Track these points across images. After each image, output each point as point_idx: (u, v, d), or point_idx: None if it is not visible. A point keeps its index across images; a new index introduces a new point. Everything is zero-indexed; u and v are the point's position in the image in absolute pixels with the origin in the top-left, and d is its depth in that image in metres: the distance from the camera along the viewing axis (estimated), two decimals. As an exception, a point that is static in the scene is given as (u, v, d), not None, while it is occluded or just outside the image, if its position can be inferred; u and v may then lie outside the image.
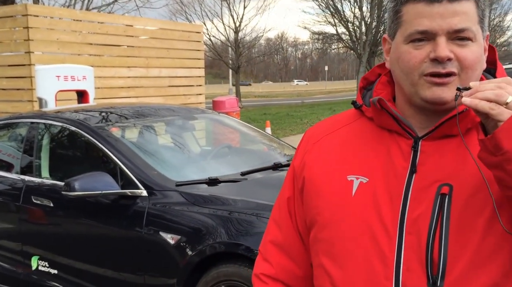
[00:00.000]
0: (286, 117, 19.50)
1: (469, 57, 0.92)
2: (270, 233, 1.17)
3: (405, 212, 0.94)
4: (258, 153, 4.19)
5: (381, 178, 0.98)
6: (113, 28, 8.02)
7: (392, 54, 1.00)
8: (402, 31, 0.95)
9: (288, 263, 1.13)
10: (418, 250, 0.92)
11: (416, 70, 0.93)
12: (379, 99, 0.99)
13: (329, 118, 1.17)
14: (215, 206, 2.89)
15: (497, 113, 0.82)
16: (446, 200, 0.92)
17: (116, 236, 3.15)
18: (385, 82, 1.07)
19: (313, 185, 1.06)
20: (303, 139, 1.15)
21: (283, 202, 1.14)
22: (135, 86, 8.15)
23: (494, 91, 0.83)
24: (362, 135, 1.05)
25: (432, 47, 0.91)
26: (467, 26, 0.91)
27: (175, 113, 4.18)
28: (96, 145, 3.39)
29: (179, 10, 29.15)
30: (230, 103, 9.73)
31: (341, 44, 32.37)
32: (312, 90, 54.08)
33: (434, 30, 0.91)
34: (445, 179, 0.93)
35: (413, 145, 0.97)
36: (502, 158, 0.82)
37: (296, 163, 1.12)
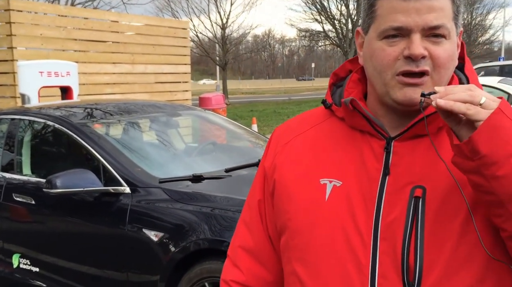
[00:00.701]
0: (273, 114, 19.51)
1: (442, 55, 0.89)
2: (240, 237, 1.13)
3: (379, 216, 0.92)
4: (243, 150, 4.19)
5: (354, 181, 0.95)
6: (98, 24, 7.95)
7: (365, 49, 0.97)
8: (376, 26, 0.92)
9: (259, 269, 1.10)
10: (394, 256, 0.90)
11: (390, 69, 0.90)
12: (351, 100, 0.96)
13: (298, 117, 1.13)
14: (199, 203, 2.88)
15: (475, 113, 0.80)
16: (420, 204, 0.90)
17: (99, 233, 3.13)
18: (356, 80, 1.04)
19: (284, 189, 1.02)
20: (272, 140, 1.11)
21: (253, 204, 1.10)
22: (120, 83, 8.09)
23: (467, 92, 0.82)
24: (333, 136, 1.02)
25: (406, 44, 0.89)
26: (443, 22, 0.88)
27: (160, 110, 4.15)
28: (79, 141, 3.36)
29: (166, 6, 29.00)
30: (217, 100, 9.72)
31: (327, 41, 32.49)
32: (299, 87, 54.20)
33: (409, 27, 0.88)
34: (418, 181, 0.91)
35: (385, 145, 0.95)
36: (479, 163, 0.80)
37: (266, 164, 1.08)
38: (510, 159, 0.79)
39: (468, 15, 36.44)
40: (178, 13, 29.19)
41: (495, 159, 0.79)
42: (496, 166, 0.79)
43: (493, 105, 0.81)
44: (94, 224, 3.14)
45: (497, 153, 0.79)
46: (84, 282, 3.23)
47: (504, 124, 0.79)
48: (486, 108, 0.80)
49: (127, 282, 3.00)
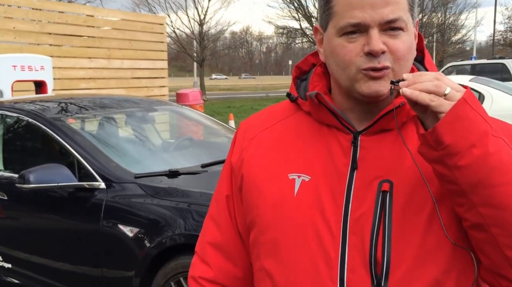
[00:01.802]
0: (251, 110, 19.53)
1: (401, 48, 0.90)
2: (208, 233, 1.11)
3: (348, 211, 0.92)
4: (219, 146, 4.19)
5: (322, 176, 0.95)
6: (73, 17, 7.84)
7: (325, 46, 0.96)
8: (334, 23, 0.92)
9: (228, 265, 1.09)
10: (362, 250, 0.90)
11: (353, 65, 0.90)
12: (316, 94, 0.96)
13: (265, 111, 1.12)
14: (175, 198, 2.88)
15: (437, 105, 0.81)
16: (387, 198, 0.91)
17: (73, 229, 3.10)
18: (320, 73, 1.03)
19: (253, 184, 1.01)
20: (239, 134, 1.09)
21: (221, 200, 1.09)
22: (96, 78, 8.00)
23: (433, 82, 0.82)
24: (301, 131, 1.01)
25: (366, 40, 0.89)
26: (399, 16, 0.88)
27: (136, 105, 4.13)
28: (53, 136, 3.32)
29: (143, 1, 28.71)
30: (194, 96, 9.68)
31: (305, 39, 32.62)
32: (277, 84, 54.31)
33: (366, 22, 0.88)
34: (385, 175, 0.92)
35: (352, 140, 0.95)
36: (443, 153, 0.81)
37: (233, 159, 1.07)
38: (472, 149, 0.80)
39: (441, 15, 37.00)
40: (155, 8, 28.93)
41: (457, 149, 0.80)
42: (459, 156, 0.81)
43: (457, 96, 0.81)
44: (68, 219, 3.11)
45: (460, 143, 0.80)
46: (58, 278, 3.20)
47: (467, 115, 0.80)
48: (450, 99, 0.81)
49: (101, 278, 2.98)
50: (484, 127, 0.81)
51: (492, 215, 0.83)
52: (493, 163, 0.81)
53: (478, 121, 0.81)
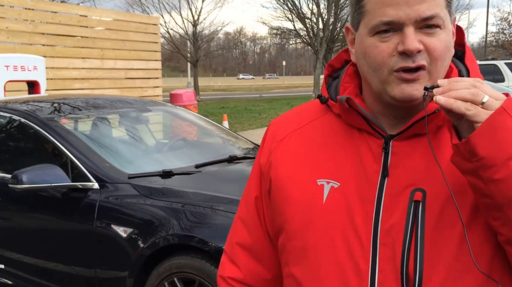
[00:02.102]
0: (244, 111, 19.52)
1: (438, 47, 0.84)
2: (237, 234, 1.09)
3: (379, 220, 0.88)
4: (213, 146, 4.19)
5: (352, 182, 0.92)
6: (66, 18, 7.82)
7: (357, 47, 0.92)
8: (366, 22, 0.87)
9: (257, 266, 1.07)
10: (393, 262, 0.86)
11: (385, 66, 0.85)
12: (347, 98, 0.92)
13: (294, 110, 1.08)
14: (168, 198, 2.88)
15: (474, 114, 0.76)
16: (419, 208, 0.86)
17: (66, 229, 3.09)
18: (352, 73, 0.99)
19: (280, 189, 0.98)
20: (268, 135, 1.06)
21: (250, 201, 1.07)
22: (89, 78, 7.98)
23: (470, 90, 0.77)
24: (330, 134, 0.97)
25: (400, 38, 0.84)
26: (436, 12, 0.83)
27: (130, 105, 4.12)
28: (46, 136, 3.31)
29: (136, 1, 28.65)
30: (188, 96, 9.66)
31: (298, 39, 32.67)
32: (270, 84, 54.35)
33: (400, 20, 0.83)
34: (418, 183, 0.88)
35: (383, 145, 0.91)
36: (477, 165, 0.76)
37: (262, 161, 1.04)
38: (509, 162, 0.75)
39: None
40: (148, 9, 28.90)
41: (493, 161, 0.76)
42: (494, 168, 0.76)
43: (495, 105, 0.76)
44: (62, 220, 3.10)
45: (496, 155, 0.75)
46: (51, 279, 3.19)
47: (505, 125, 0.75)
48: (488, 108, 0.76)
49: (95, 278, 2.97)
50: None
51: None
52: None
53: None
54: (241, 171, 3.44)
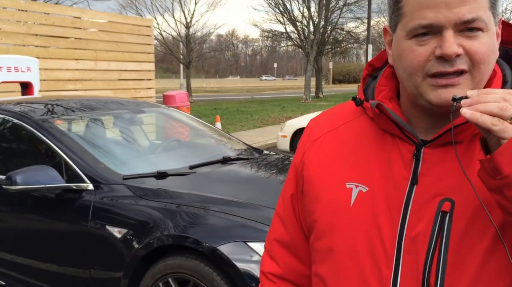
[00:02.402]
0: (237, 112, 19.53)
1: (480, 50, 0.80)
2: (275, 230, 1.11)
3: (404, 228, 0.87)
4: (207, 147, 4.21)
5: (381, 188, 0.90)
6: (60, 19, 7.81)
7: (394, 49, 0.89)
8: (404, 24, 0.84)
9: (295, 262, 1.08)
10: (416, 271, 0.85)
11: (420, 71, 0.83)
12: (377, 104, 0.90)
13: (331, 111, 1.07)
14: (163, 199, 2.89)
15: (500, 130, 0.73)
16: (446, 219, 0.84)
17: (60, 230, 3.09)
18: (389, 75, 0.97)
19: (311, 189, 0.99)
20: (304, 134, 1.07)
21: (287, 198, 1.08)
22: (83, 79, 7.97)
23: (499, 104, 0.74)
24: (363, 137, 0.96)
25: (438, 42, 0.80)
26: (478, 15, 0.79)
27: (124, 107, 4.13)
28: (40, 138, 3.31)
29: (129, 4, 28.59)
30: (181, 97, 9.67)
31: (290, 42, 32.78)
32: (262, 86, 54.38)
33: (440, 23, 0.79)
34: (447, 193, 0.85)
35: (415, 152, 0.89)
36: (501, 183, 0.74)
37: (296, 160, 1.05)
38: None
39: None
40: (142, 11, 28.88)
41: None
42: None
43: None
44: (56, 221, 3.10)
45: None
46: (45, 280, 3.19)
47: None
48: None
49: (89, 279, 2.98)
50: None
51: None
52: None
53: None
54: (234, 172, 3.47)
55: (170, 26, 29.32)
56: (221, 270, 2.57)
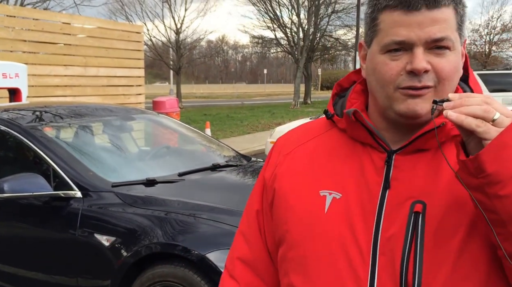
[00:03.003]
0: (226, 118, 19.53)
1: (446, 68, 0.87)
2: (238, 248, 1.11)
3: (379, 230, 0.90)
4: (196, 154, 4.21)
5: (354, 194, 0.94)
6: (49, 25, 7.77)
7: (368, 63, 0.95)
8: (379, 40, 0.90)
9: (256, 281, 1.08)
10: (392, 272, 0.88)
11: (392, 83, 0.89)
12: (354, 111, 0.94)
13: (301, 127, 1.11)
14: (152, 207, 2.88)
15: (484, 131, 0.77)
16: (419, 219, 0.88)
17: (48, 238, 3.07)
18: (359, 91, 1.02)
19: (283, 198, 1.01)
20: (275, 150, 1.09)
21: (252, 215, 1.09)
22: (72, 85, 7.93)
23: (481, 106, 0.78)
24: (334, 148, 1.00)
25: (409, 58, 0.87)
26: (446, 35, 0.86)
27: (113, 114, 4.11)
28: (28, 145, 3.28)
29: (119, 9, 28.51)
30: (170, 103, 9.65)
31: (279, 48, 32.88)
32: (252, 92, 54.46)
33: (411, 41, 0.86)
34: (418, 196, 0.90)
35: (386, 159, 0.93)
36: (483, 181, 0.78)
37: (267, 174, 1.07)
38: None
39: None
40: (132, 17, 28.77)
41: (499, 178, 0.77)
42: (500, 185, 0.77)
43: (506, 122, 0.78)
44: (43, 229, 3.08)
45: (503, 172, 0.77)
46: (32, 288, 3.16)
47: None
48: (499, 125, 0.78)
49: (77, 287, 2.96)
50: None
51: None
52: None
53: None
54: (224, 179, 3.47)
55: (160, 32, 29.31)
56: (209, 278, 2.57)
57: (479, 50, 34.03)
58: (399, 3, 0.87)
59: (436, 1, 0.85)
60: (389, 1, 0.88)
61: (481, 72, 15.06)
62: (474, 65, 32.96)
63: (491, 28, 33.55)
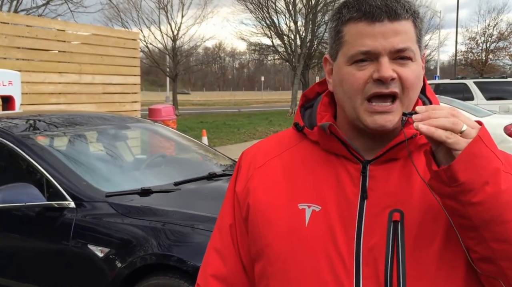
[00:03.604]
0: (223, 126, 19.51)
1: (410, 77, 0.91)
2: (211, 265, 1.07)
3: (360, 241, 0.92)
4: (192, 163, 4.17)
5: (333, 205, 0.95)
6: (43, 32, 7.73)
7: (334, 76, 0.97)
8: (344, 51, 0.93)
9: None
10: (376, 280, 0.90)
11: (360, 93, 0.91)
12: (330, 125, 0.96)
13: (270, 139, 1.11)
14: (147, 217, 2.84)
15: (454, 142, 0.81)
16: (399, 228, 0.91)
17: (41, 249, 3.02)
18: (327, 103, 1.04)
19: (260, 214, 0.99)
20: (244, 163, 1.07)
21: (224, 230, 1.06)
22: (66, 93, 7.87)
23: (449, 119, 0.82)
24: (309, 160, 1.01)
25: (375, 67, 0.90)
26: (408, 45, 0.91)
27: (108, 122, 4.07)
28: (21, 154, 3.24)
29: (115, 16, 28.50)
30: (167, 111, 9.61)
31: (277, 55, 32.92)
32: (249, 99, 54.53)
33: (377, 50, 0.90)
34: (395, 204, 0.92)
35: (361, 169, 0.95)
36: (456, 189, 0.82)
37: (238, 188, 1.05)
38: (486, 186, 0.81)
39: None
40: (128, 23, 28.76)
41: (471, 186, 0.81)
42: (473, 193, 0.81)
43: (472, 134, 0.82)
44: (36, 240, 3.04)
45: (474, 180, 0.81)
46: (24, 301, 3.09)
47: (481, 153, 0.81)
48: (466, 137, 0.82)
49: (70, 300, 2.90)
50: (496, 164, 0.82)
51: (502, 249, 0.84)
52: (505, 199, 0.82)
53: (491, 158, 0.82)
54: (220, 188, 3.42)
55: (157, 39, 29.21)
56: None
57: (475, 58, 34.24)
58: (363, 15, 0.90)
59: (396, 13, 0.90)
60: (353, 13, 0.92)
61: (478, 80, 15.14)
62: (471, 73, 33.14)
63: (487, 36, 33.79)
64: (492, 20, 34.52)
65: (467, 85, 14.24)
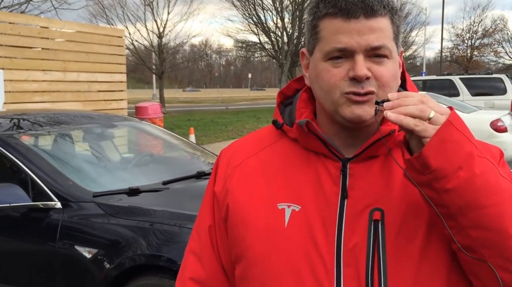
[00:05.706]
0: (211, 124, 19.44)
1: (385, 74, 0.90)
2: (190, 268, 1.05)
3: (341, 242, 0.91)
4: (181, 162, 4.13)
5: (313, 205, 0.93)
6: (26, 29, 7.61)
7: (311, 71, 0.96)
8: (321, 47, 0.92)
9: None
10: (357, 281, 0.89)
11: (337, 89, 0.90)
12: (307, 122, 0.95)
13: (249, 137, 1.09)
14: (135, 217, 2.81)
15: (422, 130, 0.81)
16: (379, 227, 0.90)
17: (27, 251, 2.97)
18: (306, 99, 1.02)
19: (239, 215, 0.97)
20: (221, 161, 1.05)
21: (203, 232, 1.04)
22: (50, 91, 7.76)
23: (418, 106, 0.82)
24: (287, 158, 0.99)
25: (351, 65, 0.89)
26: (384, 43, 0.90)
27: (94, 121, 4.02)
28: (4, 154, 3.17)
29: (100, 13, 28.21)
30: (153, 109, 9.55)
31: (264, 52, 32.88)
32: (236, 97, 54.50)
33: (352, 48, 0.89)
34: (376, 203, 0.91)
35: (341, 168, 0.94)
36: (430, 177, 0.81)
37: (217, 188, 1.02)
38: (459, 171, 0.80)
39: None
40: (113, 20, 28.48)
41: (444, 172, 0.80)
42: (446, 179, 0.81)
43: (441, 120, 0.81)
44: (22, 241, 2.99)
45: (446, 166, 0.80)
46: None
47: (452, 137, 0.80)
48: (435, 123, 0.81)
49: (57, 302, 2.85)
50: (469, 148, 0.81)
51: (481, 237, 0.83)
52: (479, 184, 0.81)
53: (463, 142, 0.81)
54: (209, 187, 3.39)
55: (143, 36, 28.96)
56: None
57: (461, 54, 34.58)
58: (338, 11, 0.89)
59: (373, 10, 0.88)
60: (328, 8, 0.90)
61: (464, 76, 15.27)
62: (457, 69, 33.46)
63: (472, 33, 34.16)
64: (477, 17, 34.91)
65: (453, 81, 14.37)
